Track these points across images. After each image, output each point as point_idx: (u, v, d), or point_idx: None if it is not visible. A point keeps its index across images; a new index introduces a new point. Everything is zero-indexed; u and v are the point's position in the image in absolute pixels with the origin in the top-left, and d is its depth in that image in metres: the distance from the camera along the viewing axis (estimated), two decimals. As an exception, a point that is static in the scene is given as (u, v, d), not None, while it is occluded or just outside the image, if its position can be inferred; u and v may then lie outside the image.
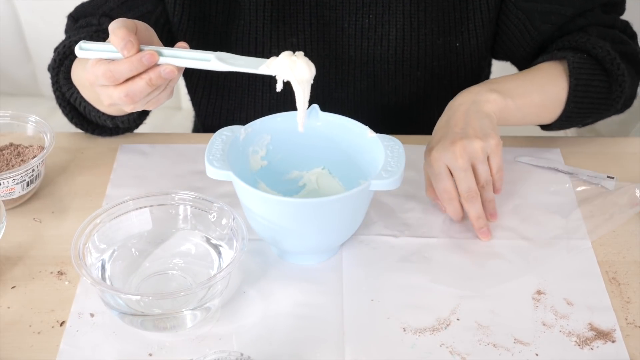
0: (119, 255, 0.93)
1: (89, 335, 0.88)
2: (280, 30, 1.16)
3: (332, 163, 1.03)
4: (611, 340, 0.88)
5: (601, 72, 1.11)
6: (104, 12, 1.14)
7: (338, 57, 1.19)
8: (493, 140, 0.98)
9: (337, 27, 1.16)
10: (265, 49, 1.17)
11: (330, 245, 0.97)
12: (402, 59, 1.18)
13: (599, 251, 0.99)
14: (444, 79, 1.21)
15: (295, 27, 1.16)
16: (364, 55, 1.18)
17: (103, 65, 0.89)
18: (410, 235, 1.01)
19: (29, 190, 1.05)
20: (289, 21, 1.16)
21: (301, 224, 0.92)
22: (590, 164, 1.13)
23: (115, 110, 1.07)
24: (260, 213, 0.92)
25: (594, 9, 1.15)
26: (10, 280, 0.95)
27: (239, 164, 0.97)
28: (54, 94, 1.14)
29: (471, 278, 0.95)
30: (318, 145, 1.02)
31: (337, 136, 1.01)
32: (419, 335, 0.88)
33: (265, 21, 1.15)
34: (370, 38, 1.17)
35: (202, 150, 0.95)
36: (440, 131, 1.01)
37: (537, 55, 1.19)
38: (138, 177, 1.11)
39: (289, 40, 1.17)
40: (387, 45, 1.17)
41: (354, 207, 0.93)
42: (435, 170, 0.99)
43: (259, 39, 1.17)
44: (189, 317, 0.88)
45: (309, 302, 0.92)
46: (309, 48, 1.17)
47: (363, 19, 1.15)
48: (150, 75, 0.89)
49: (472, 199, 0.98)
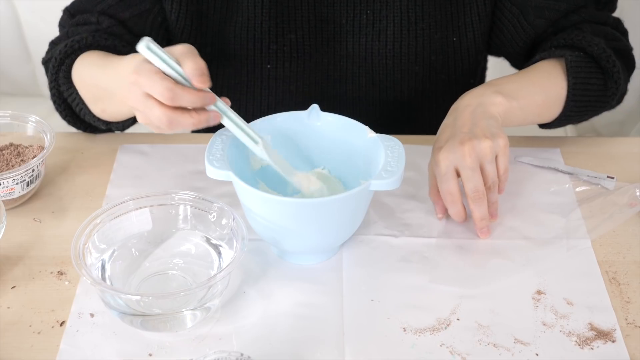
0: (119, 255, 0.93)
1: (89, 335, 0.88)
2: (279, 27, 1.17)
3: (333, 163, 1.03)
4: (611, 340, 0.88)
5: (597, 69, 1.11)
6: (102, 9, 1.14)
7: (336, 53, 1.19)
8: (502, 140, 0.98)
9: (335, 23, 1.17)
10: (264, 45, 1.17)
11: (330, 245, 0.97)
12: (400, 54, 1.18)
13: (599, 251, 0.99)
14: (442, 74, 1.22)
15: (293, 24, 1.16)
16: (362, 51, 1.18)
17: (168, 82, 0.87)
18: (410, 235, 1.01)
19: (29, 190, 1.05)
20: (286, 18, 1.16)
21: (301, 224, 0.92)
22: (590, 164, 1.13)
23: (115, 116, 1.07)
24: (260, 213, 0.92)
25: (587, 5, 1.16)
26: (10, 280, 0.95)
27: (240, 163, 0.97)
28: (50, 90, 1.14)
29: (471, 278, 0.95)
30: (318, 145, 1.02)
31: (337, 136, 1.01)
32: (419, 335, 0.88)
33: (263, 18, 1.16)
34: (368, 34, 1.17)
35: (202, 150, 0.94)
36: (447, 131, 1.01)
37: (531, 52, 1.20)
38: (138, 177, 1.10)
39: (287, 37, 1.17)
40: (385, 40, 1.17)
41: (354, 207, 0.93)
42: (442, 170, 0.98)
43: (257, 36, 1.17)
44: (189, 317, 0.88)
45: (309, 302, 0.92)
46: (307, 44, 1.17)
47: (361, 15, 1.16)
48: (201, 118, 0.89)
49: (479, 199, 0.98)
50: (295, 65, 1.20)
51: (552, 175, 1.11)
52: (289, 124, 1.00)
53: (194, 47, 0.91)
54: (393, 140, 0.95)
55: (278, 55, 1.19)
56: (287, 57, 1.19)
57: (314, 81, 1.21)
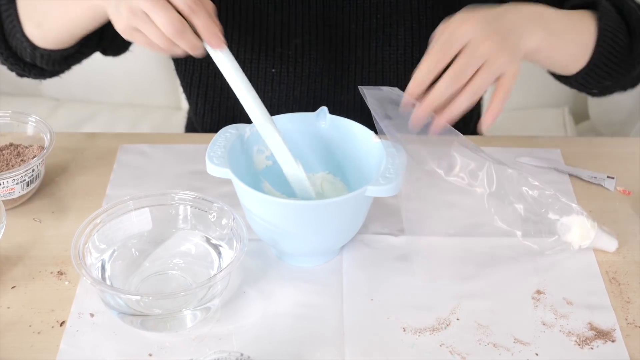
0: (119, 256, 0.93)
1: (89, 335, 0.88)
2: (284, 31, 1.15)
3: (337, 166, 1.03)
4: (611, 340, 0.88)
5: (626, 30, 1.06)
6: None
7: (345, 59, 1.17)
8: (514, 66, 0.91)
9: (344, 28, 1.15)
10: (269, 48, 1.16)
11: (329, 248, 0.97)
12: (412, 58, 1.16)
13: (599, 251, 0.99)
14: None
15: (300, 29, 1.15)
16: (372, 56, 1.17)
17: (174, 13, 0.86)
18: (410, 235, 1.01)
19: (29, 190, 1.05)
20: (293, 22, 1.15)
21: (299, 225, 0.92)
22: (590, 164, 1.13)
23: (53, 34, 1.03)
24: (258, 214, 0.92)
25: None
26: (10, 280, 0.95)
27: (243, 162, 0.96)
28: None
29: (471, 278, 0.95)
30: (323, 147, 1.02)
31: (342, 140, 1.00)
32: (418, 335, 0.88)
33: (269, 21, 1.15)
34: (378, 39, 1.15)
35: (203, 151, 0.94)
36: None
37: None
38: (138, 177, 1.11)
39: (292, 41, 1.16)
40: (395, 45, 1.15)
41: (353, 210, 0.93)
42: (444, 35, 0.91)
43: (262, 39, 1.16)
44: (189, 317, 0.88)
45: (308, 302, 0.92)
46: (313, 49, 1.16)
47: (370, 19, 1.14)
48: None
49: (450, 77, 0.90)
50: (300, 69, 1.18)
51: (552, 175, 1.11)
52: (295, 125, 0.99)
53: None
54: (396, 147, 0.95)
55: (283, 59, 1.17)
56: (292, 61, 1.17)
57: (319, 86, 1.19)
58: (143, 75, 1.90)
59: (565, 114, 1.86)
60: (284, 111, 1.01)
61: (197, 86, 1.24)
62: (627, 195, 1.08)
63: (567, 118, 1.86)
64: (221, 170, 0.91)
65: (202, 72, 1.22)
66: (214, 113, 1.25)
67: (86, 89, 1.93)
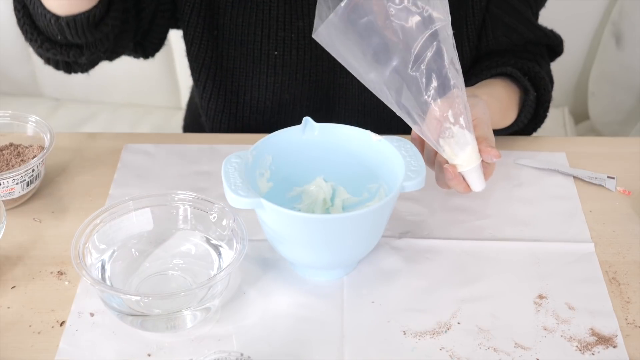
0: (119, 256, 0.93)
1: (88, 335, 0.88)
2: (287, 14, 1.16)
3: (337, 174, 1.00)
4: (612, 346, 0.88)
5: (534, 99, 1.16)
6: None
7: None
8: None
9: None
10: (272, 31, 1.17)
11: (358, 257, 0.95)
12: None
13: (599, 251, 0.99)
14: None
15: (301, 11, 1.16)
16: None
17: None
18: (411, 237, 1.01)
19: (29, 190, 1.05)
20: (295, 5, 1.16)
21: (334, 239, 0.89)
22: (591, 164, 1.13)
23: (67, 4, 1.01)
24: (291, 234, 0.89)
25: (543, 45, 1.22)
26: (10, 280, 0.95)
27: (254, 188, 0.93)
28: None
29: (472, 282, 0.95)
30: (319, 157, 0.99)
31: (338, 146, 0.98)
32: (419, 338, 0.88)
33: (272, 4, 1.15)
34: None
35: (206, 151, 0.94)
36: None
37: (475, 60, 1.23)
38: (142, 177, 1.10)
39: (295, 24, 1.17)
40: None
41: (390, 211, 0.92)
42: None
43: (265, 22, 1.17)
44: (188, 318, 0.88)
45: (309, 303, 0.92)
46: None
47: None
48: None
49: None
50: (302, 53, 1.19)
51: (553, 176, 1.11)
52: (288, 142, 0.97)
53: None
54: (401, 140, 0.94)
55: (285, 42, 1.18)
56: (295, 45, 1.18)
57: (321, 70, 1.20)
58: (143, 75, 1.90)
59: (565, 114, 1.86)
60: (285, 94, 0.99)
61: (208, 67, 1.24)
62: (627, 195, 1.08)
63: (567, 118, 1.86)
64: (252, 202, 0.86)
65: (213, 55, 1.22)
66: (220, 97, 1.26)
67: (86, 89, 1.93)
